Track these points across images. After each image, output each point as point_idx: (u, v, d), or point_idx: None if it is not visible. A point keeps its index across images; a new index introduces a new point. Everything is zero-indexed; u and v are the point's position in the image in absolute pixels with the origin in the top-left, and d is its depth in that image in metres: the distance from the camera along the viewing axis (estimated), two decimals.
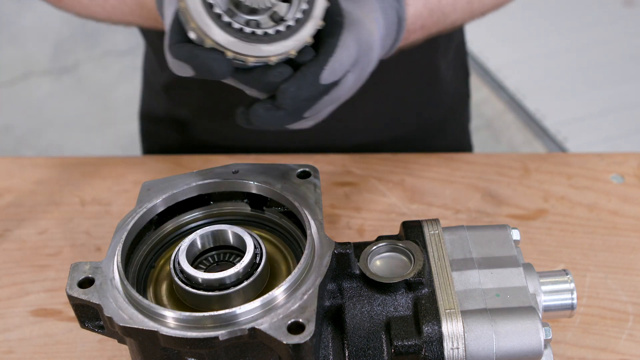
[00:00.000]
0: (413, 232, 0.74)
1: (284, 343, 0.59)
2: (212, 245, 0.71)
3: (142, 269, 0.72)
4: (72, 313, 0.89)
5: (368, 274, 0.68)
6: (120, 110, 2.98)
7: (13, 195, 1.10)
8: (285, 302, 0.63)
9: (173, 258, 0.68)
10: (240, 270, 0.66)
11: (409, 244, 0.71)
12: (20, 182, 1.12)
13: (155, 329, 0.61)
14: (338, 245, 0.68)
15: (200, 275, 0.66)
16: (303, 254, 0.66)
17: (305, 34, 0.65)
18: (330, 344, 0.68)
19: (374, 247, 0.71)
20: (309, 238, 0.67)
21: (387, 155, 1.13)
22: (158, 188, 0.75)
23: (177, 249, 0.69)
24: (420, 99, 1.21)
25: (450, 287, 0.69)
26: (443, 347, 0.66)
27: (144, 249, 0.73)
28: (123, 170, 1.13)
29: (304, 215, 0.70)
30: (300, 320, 0.61)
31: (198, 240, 0.70)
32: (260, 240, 0.69)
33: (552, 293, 0.73)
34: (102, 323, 0.68)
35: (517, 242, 0.75)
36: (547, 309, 0.73)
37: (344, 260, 0.69)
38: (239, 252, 0.70)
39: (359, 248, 0.71)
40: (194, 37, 0.63)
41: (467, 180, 1.08)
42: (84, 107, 3.03)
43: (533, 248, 0.98)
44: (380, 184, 1.08)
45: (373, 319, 0.68)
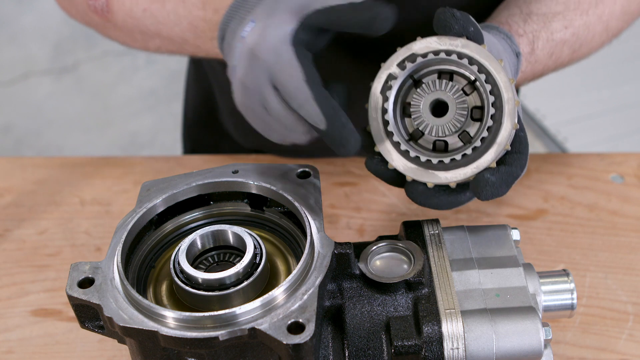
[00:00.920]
0: (413, 232, 0.74)
1: (284, 343, 0.59)
2: (212, 246, 0.71)
3: (142, 269, 0.72)
4: (72, 313, 0.89)
5: (368, 274, 0.68)
6: (120, 110, 2.98)
7: (13, 195, 1.10)
8: (285, 302, 0.63)
9: (173, 258, 0.68)
10: (240, 270, 0.66)
11: (409, 244, 0.71)
12: (20, 182, 1.12)
13: (155, 329, 0.61)
14: (338, 245, 0.68)
15: (200, 276, 0.65)
16: (303, 254, 0.66)
17: (485, 162, 0.67)
18: (330, 344, 0.68)
19: (374, 247, 0.71)
20: (309, 238, 0.67)
21: None
22: (158, 188, 0.75)
23: (177, 249, 0.69)
24: None
25: (450, 287, 0.69)
26: (443, 347, 0.66)
27: (144, 249, 0.73)
28: (123, 170, 1.13)
29: (304, 215, 0.70)
30: (300, 321, 0.61)
31: (198, 240, 0.70)
32: (260, 240, 0.69)
33: (552, 293, 0.73)
34: (102, 323, 0.68)
35: (517, 242, 0.75)
36: (547, 309, 0.73)
37: (344, 260, 0.69)
38: (239, 252, 0.70)
39: (359, 248, 0.71)
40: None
41: None
42: (84, 107, 3.03)
43: (533, 248, 0.98)
44: (380, 184, 1.08)
45: (373, 319, 0.68)
